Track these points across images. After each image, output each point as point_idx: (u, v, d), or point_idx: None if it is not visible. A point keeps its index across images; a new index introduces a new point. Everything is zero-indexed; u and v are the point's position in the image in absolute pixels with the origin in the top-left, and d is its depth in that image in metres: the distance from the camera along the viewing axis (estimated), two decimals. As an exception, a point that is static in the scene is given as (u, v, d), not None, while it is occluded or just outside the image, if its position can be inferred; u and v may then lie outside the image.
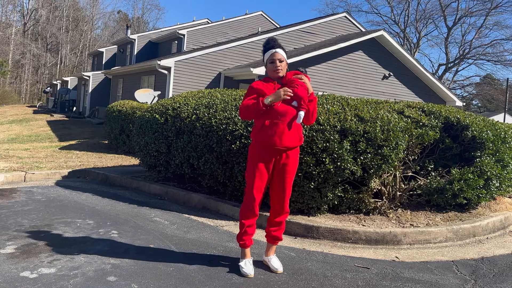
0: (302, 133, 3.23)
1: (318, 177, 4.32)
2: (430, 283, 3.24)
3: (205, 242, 3.90)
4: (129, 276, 3.01)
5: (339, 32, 18.28)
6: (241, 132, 4.73)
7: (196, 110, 5.48)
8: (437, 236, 4.25)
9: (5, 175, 6.62)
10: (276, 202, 3.26)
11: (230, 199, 5.14)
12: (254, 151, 3.16)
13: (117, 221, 4.46)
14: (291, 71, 3.25)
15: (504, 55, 42.05)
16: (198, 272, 3.16)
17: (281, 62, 3.12)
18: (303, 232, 4.23)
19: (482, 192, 4.79)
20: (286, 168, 3.17)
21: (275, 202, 3.27)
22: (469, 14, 36.56)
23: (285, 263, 3.42)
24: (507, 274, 3.52)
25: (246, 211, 3.20)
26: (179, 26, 25.34)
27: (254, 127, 3.17)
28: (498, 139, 5.04)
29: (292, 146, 3.13)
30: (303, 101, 3.08)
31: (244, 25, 23.27)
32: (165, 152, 5.90)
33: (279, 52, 3.12)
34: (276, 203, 3.27)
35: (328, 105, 4.82)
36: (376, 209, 4.68)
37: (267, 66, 3.18)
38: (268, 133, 3.05)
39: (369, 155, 4.33)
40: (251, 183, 3.15)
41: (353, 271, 3.41)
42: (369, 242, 4.10)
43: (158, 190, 5.94)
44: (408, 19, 38.46)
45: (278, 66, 3.11)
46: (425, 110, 5.17)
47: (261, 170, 3.12)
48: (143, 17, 50.18)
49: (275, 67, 3.12)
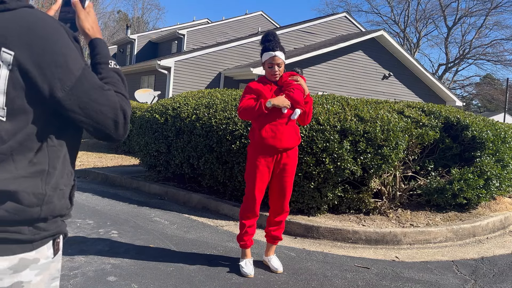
0: (299, 132, 3.26)
1: (318, 177, 4.32)
2: (430, 283, 3.24)
3: (205, 242, 3.90)
4: (129, 276, 3.01)
5: (339, 32, 18.28)
6: (241, 132, 4.73)
7: (196, 110, 5.48)
8: (437, 236, 4.25)
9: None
10: (276, 202, 3.26)
11: (230, 199, 5.14)
12: (254, 152, 3.16)
13: (117, 221, 4.46)
14: (287, 72, 3.25)
15: (504, 55, 42.07)
16: (198, 272, 3.16)
17: (280, 67, 3.11)
18: (303, 232, 4.23)
19: (482, 192, 4.79)
20: (287, 167, 3.18)
21: (275, 201, 3.27)
22: (469, 14, 36.56)
23: (285, 263, 3.42)
24: (507, 274, 3.53)
25: (246, 212, 3.20)
26: (179, 26, 25.34)
27: (252, 128, 3.18)
28: (498, 139, 5.04)
29: (292, 146, 3.16)
30: (299, 104, 3.12)
31: (244, 25, 23.26)
32: (165, 152, 5.90)
33: (279, 56, 3.08)
34: (276, 202, 3.27)
35: (328, 105, 4.82)
36: (376, 209, 4.68)
37: (265, 66, 3.16)
38: (268, 135, 3.06)
39: (369, 155, 4.33)
40: (251, 183, 3.15)
41: (353, 271, 3.41)
42: (369, 242, 4.10)
43: (158, 190, 5.94)
44: (408, 19, 38.47)
45: (276, 71, 3.10)
46: (425, 110, 5.17)
47: (262, 170, 3.13)
48: (143, 17, 50.18)
49: (274, 72, 3.11)
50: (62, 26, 1.00)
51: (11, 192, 0.93)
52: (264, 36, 3.14)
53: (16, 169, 0.95)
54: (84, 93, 0.97)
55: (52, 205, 1.01)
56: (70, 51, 0.98)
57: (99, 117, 0.99)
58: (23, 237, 0.97)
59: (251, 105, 3.03)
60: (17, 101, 0.93)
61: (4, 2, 0.92)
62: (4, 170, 0.94)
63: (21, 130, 0.94)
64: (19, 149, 0.95)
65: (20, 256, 0.97)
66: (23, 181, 0.95)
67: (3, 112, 0.93)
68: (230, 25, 22.89)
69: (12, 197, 0.94)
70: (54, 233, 1.04)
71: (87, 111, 0.98)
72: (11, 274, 0.96)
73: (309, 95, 3.21)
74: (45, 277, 1.03)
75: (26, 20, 0.93)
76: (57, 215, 1.04)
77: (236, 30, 22.75)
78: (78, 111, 0.97)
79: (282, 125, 3.08)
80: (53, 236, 1.05)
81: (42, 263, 1.02)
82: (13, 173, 0.94)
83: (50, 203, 1.00)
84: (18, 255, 0.97)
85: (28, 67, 0.92)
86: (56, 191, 1.01)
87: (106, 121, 1.00)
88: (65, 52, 0.96)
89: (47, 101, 0.95)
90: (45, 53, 0.93)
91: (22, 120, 0.94)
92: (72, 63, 0.97)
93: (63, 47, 0.96)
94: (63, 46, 0.96)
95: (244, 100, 3.08)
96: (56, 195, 1.01)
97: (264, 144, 3.08)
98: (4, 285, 0.95)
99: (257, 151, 3.13)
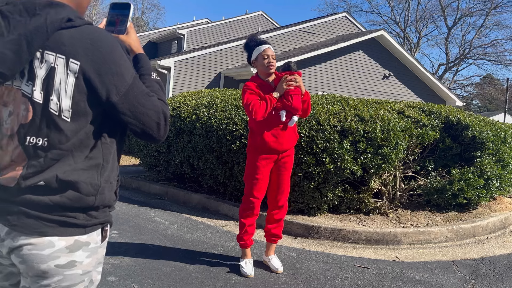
0: (297, 131, 3.32)
1: (318, 177, 4.32)
2: (430, 283, 3.24)
3: (205, 242, 3.90)
4: (129, 276, 3.01)
5: (339, 32, 18.27)
6: (241, 132, 4.73)
7: (196, 110, 5.48)
8: (437, 236, 4.25)
9: (5, 175, 6.62)
10: (275, 197, 3.28)
11: (230, 199, 5.14)
12: (254, 154, 3.17)
13: (117, 221, 4.45)
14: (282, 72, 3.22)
15: (504, 55, 42.04)
16: (198, 272, 3.15)
17: (274, 60, 3.11)
18: (303, 232, 4.23)
19: (482, 192, 4.79)
20: (286, 165, 3.25)
21: (274, 197, 3.28)
22: (469, 14, 36.53)
23: (285, 263, 3.42)
24: (507, 274, 3.52)
25: (246, 210, 3.21)
26: (179, 26, 25.32)
27: (252, 131, 3.20)
28: (498, 139, 5.04)
29: (292, 146, 3.24)
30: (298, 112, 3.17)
31: (244, 25, 23.24)
32: (165, 152, 5.90)
33: (271, 49, 3.12)
34: (275, 198, 3.28)
35: (328, 105, 4.82)
36: (376, 209, 4.67)
37: (258, 61, 3.12)
38: (270, 139, 3.10)
39: (369, 155, 4.32)
40: (251, 184, 3.16)
41: (353, 271, 3.41)
42: (369, 242, 4.10)
43: (158, 190, 5.94)
44: (408, 19, 38.43)
45: (271, 62, 3.08)
46: (425, 110, 5.17)
47: (263, 171, 3.15)
48: (143, 17, 50.16)
49: (269, 61, 3.08)
50: (117, 40, 1.17)
51: (72, 182, 1.09)
52: (248, 39, 3.18)
53: (75, 163, 1.11)
54: (134, 98, 1.14)
55: (104, 196, 1.16)
56: (124, 61, 1.14)
57: (145, 119, 1.15)
58: (78, 221, 1.13)
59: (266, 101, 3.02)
60: (80, 104, 1.09)
61: (72, 20, 1.09)
62: (65, 164, 1.10)
63: (82, 129, 1.10)
64: (79, 146, 1.11)
65: (75, 238, 1.13)
66: (82, 173, 1.11)
67: (69, 114, 1.09)
68: (230, 25, 22.87)
69: (73, 187, 1.10)
70: (103, 221, 1.19)
71: (136, 114, 1.14)
72: (67, 253, 1.11)
73: (307, 93, 3.23)
74: (93, 260, 1.18)
75: (89, 36, 1.09)
76: (106, 206, 1.19)
77: (236, 30, 22.73)
78: (129, 113, 1.14)
79: (282, 129, 3.15)
80: (102, 224, 1.19)
81: (92, 247, 1.17)
82: (72, 166, 1.10)
83: (102, 193, 1.15)
84: (74, 237, 1.12)
85: (90, 75, 1.08)
86: (107, 184, 1.17)
87: (150, 123, 1.16)
88: (120, 62, 1.12)
89: (104, 104, 1.11)
90: (104, 63, 1.09)
91: (83, 121, 1.10)
92: (125, 72, 1.13)
93: (118, 58, 1.12)
94: (118, 57, 1.12)
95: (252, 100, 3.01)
96: (107, 187, 1.17)
97: (266, 147, 3.12)
98: (61, 262, 1.11)
99: (258, 153, 3.16)
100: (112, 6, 1.32)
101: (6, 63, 1.04)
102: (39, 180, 1.08)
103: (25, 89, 1.08)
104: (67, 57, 1.07)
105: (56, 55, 1.07)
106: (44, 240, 1.09)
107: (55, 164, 1.09)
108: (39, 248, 1.09)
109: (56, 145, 1.09)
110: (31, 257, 1.09)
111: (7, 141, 1.11)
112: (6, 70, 1.05)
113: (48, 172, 1.09)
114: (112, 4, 1.33)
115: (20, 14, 1.06)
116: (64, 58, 1.07)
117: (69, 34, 1.08)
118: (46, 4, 1.08)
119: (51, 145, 1.09)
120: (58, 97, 1.08)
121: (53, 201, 1.09)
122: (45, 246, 1.09)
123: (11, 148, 1.10)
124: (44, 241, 1.09)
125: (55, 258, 1.10)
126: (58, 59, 1.07)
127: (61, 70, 1.07)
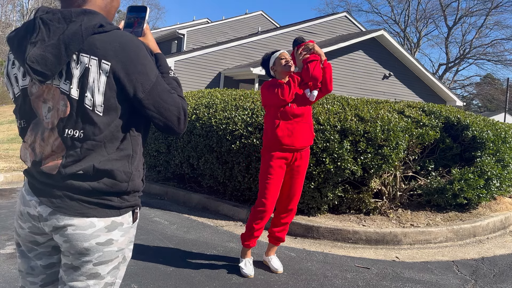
0: (313, 129, 3.22)
1: (318, 177, 4.32)
2: (431, 283, 3.23)
3: (205, 242, 3.89)
4: (129, 276, 3.00)
5: (339, 32, 18.27)
6: (241, 132, 4.72)
7: (196, 110, 5.48)
8: (438, 236, 4.24)
9: (4, 175, 6.62)
10: (285, 202, 3.22)
11: (230, 199, 5.13)
12: (268, 154, 3.08)
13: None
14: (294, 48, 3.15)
15: (504, 55, 42.11)
16: (198, 272, 3.15)
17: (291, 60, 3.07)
18: (303, 232, 4.23)
19: (482, 192, 4.79)
20: (299, 169, 3.14)
21: (284, 202, 3.22)
22: (469, 13, 36.53)
23: (285, 263, 3.42)
24: (508, 274, 3.52)
25: (258, 214, 3.10)
26: (179, 26, 25.32)
27: (265, 130, 3.12)
28: (498, 139, 5.03)
29: (308, 144, 3.12)
30: (318, 81, 2.97)
31: (244, 25, 23.24)
32: (165, 152, 5.90)
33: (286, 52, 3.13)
34: (285, 203, 3.22)
35: (328, 105, 4.81)
36: (377, 209, 4.67)
37: (275, 66, 3.11)
38: (284, 133, 3.00)
39: (369, 155, 4.32)
40: (265, 187, 3.06)
41: (353, 271, 3.40)
42: (369, 242, 4.09)
43: (158, 190, 5.93)
44: (408, 19, 38.43)
45: (289, 60, 3.04)
46: (425, 110, 5.16)
47: (276, 172, 3.05)
48: (143, 17, 50.01)
49: (287, 61, 3.04)
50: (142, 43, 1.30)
51: (108, 170, 1.24)
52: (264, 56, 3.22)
53: (108, 153, 1.25)
54: (157, 94, 1.27)
55: (134, 182, 1.31)
56: (149, 62, 1.27)
57: (167, 114, 1.29)
58: (113, 203, 1.28)
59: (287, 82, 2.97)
60: (111, 100, 1.22)
61: (103, 26, 1.22)
62: (99, 154, 1.24)
63: (112, 122, 1.24)
64: (110, 138, 1.25)
65: (112, 219, 1.29)
66: (116, 162, 1.26)
67: (101, 108, 1.22)
68: (230, 25, 22.87)
69: (108, 174, 1.25)
70: (133, 204, 1.35)
71: (159, 109, 1.28)
72: (106, 232, 1.27)
73: (326, 60, 3.04)
74: (126, 239, 1.34)
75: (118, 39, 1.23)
76: (136, 191, 1.34)
77: (236, 30, 22.73)
78: (153, 108, 1.27)
79: (298, 124, 3.03)
80: (133, 207, 1.35)
81: (125, 227, 1.33)
82: (106, 156, 1.24)
83: (133, 180, 1.31)
84: (111, 218, 1.28)
85: (120, 74, 1.21)
86: (137, 171, 1.32)
87: (172, 117, 1.30)
88: (145, 63, 1.25)
89: (131, 100, 1.25)
90: (131, 64, 1.23)
91: (113, 115, 1.24)
92: (150, 71, 1.26)
93: (143, 59, 1.25)
94: (143, 58, 1.26)
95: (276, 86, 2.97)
96: (137, 175, 1.32)
97: (280, 144, 3.01)
98: (101, 240, 1.26)
99: (271, 150, 3.05)
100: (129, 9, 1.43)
101: (48, 65, 1.18)
102: (78, 170, 1.22)
103: (63, 87, 1.22)
104: (99, 59, 1.20)
105: (90, 57, 1.20)
106: (86, 221, 1.25)
107: (90, 154, 1.23)
108: (82, 228, 1.25)
109: (91, 136, 1.22)
110: (75, 236, 1.24)
111: (48, 134, 1.25)
112: (47, 71, 1.19)
113: (85, 161, 1.23)
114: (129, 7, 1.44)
115: (58, 22, 1.20)
116: (97, 60, 1.20)
117: (100, 38, 1.21)
118: (81, 12, 1.22)
119: (86, 136, 1.22)
120: (92, 94, 1.21)
121: (92, 186, 1.24)
122: (87, 226, 1.25)
123: (52, 140, 1.25)
124: (86, 222, 1.25)
125: (96, 237, 1.25)
126: (92, 61, 1.20)
127: (94, 70, 1.20)
